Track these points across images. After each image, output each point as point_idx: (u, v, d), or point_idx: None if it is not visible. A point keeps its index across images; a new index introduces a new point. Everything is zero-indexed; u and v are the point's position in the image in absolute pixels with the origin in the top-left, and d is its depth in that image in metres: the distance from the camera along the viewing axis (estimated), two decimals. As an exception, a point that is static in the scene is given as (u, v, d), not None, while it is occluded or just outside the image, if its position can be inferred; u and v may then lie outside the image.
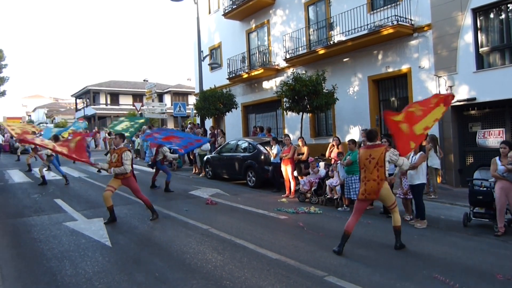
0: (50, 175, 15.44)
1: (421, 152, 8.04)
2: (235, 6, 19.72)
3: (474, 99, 11.31)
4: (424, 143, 8.25)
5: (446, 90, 11.91)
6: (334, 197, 9.69)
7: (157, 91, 29.91)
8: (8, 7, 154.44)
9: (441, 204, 8.09)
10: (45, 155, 13.30)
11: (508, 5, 11.00)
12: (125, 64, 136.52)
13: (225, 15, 20.51)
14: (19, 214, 8.76)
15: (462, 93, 11.59)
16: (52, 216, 8.48)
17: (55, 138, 12.43)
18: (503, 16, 11.18)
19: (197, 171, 16.36)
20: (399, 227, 6.15)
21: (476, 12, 11.46)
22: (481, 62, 11.48)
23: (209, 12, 23.71)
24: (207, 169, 15.26)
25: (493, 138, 10.38)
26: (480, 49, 11.48)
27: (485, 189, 7.58)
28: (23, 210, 9.23)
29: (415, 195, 7.81)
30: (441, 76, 12.10)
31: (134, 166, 8.50)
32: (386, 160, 5.92)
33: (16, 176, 15.50)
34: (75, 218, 8.25)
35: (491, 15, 11.39)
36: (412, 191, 7.89)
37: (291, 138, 12.25)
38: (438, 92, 12.04)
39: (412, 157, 7.91)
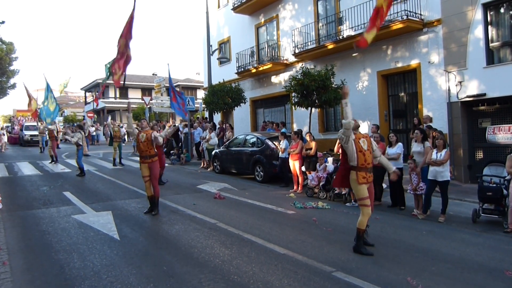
0: (59, 168, 15.60)
1: (447, 149, 8.00)
2: (244, 1, 19.64)
3: (484, 94, 11.20)
4: (437, 141, 8.23)
5: (456, 85, 11.81)
6: (342, 192, 9.67)
7: (165, 85, 29.95)
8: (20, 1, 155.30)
9: (450, 200, 8.02)
10: (74, 143, 13.56)
11: (520, 0, 10.86)
12: (134, 58, 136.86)
13: (234, 9, 20.46)
14: (28, 207, 8.85)
15: (471, 89, 11.48)
16: (60, 209, 8.56)
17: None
18: (514, 10, 11.04)
19: (205, 165, 16.39)
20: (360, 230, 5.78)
21: (487, 6, 11.32)
22: (491, 58, 11.36)
23: (218, 7, 23.65)
24: (215, 164, 15.28)
25: (503, 134, 10.23)
26: (491, 44, 11.34)
27: (494, 185, 7.52)
28: (32, 202, 9.32)
29: (444, 191, 7.85)
30: (450, 72, 11.98)
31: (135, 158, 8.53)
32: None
33: (26, 168, 15.65)
34: (84, 211, 8.31)
35: (502, 10, 11.25)
36: (440, 188, 7.90)
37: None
38: (447, 88, 11.94)
39: (437, 153, 7.87)
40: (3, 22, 19.54)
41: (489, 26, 11.38)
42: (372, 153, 5.94)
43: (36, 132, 27.48)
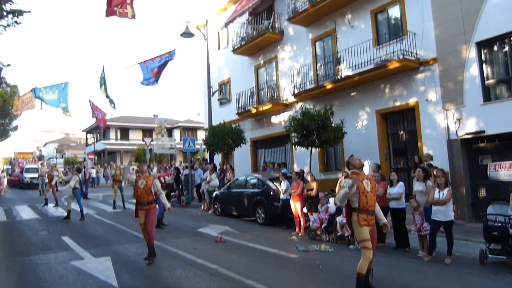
0: (58, 212, 15.44)
1: (449, 188, 7.93)
2: (244, 43, 20.12)
3: (483, 131, 11.23)
4: (438, 180, 8.17)
5: (454, 123, 11.87)
6: (345, 235, 9.49)
7: (166, 126, 30.15)
8: (23, 45, 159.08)
9: (455, 240, 7.87)
10: (70, 188, 13.47)
11: (511, 38, 11.09)
12: (135, 100, 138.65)
13: (234, 51, 20.91)
14: (26, 252, 8.67)
15: (470, 126, 11.53)
16: (58, 254, 8.39)
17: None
18: (506, 48, 11.27)
19: (206, 208, 16.24)
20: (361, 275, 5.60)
21: (480, 45, 11.55)
22: (488, 95, 11.48)
23: (219, 48, 24.18)
24: (216, 206, 15.13)
25: (504, 171, 10.18)
26: (486, 82, 11.50)
27: (500, 224, 7.39)
28: (30, 247, 9.15)
29: (448, 232, 7.71)
30: (448, 109, 12.08)
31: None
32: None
33: (24, 212, 15.50)
34: (82, 257, 8.14)
35: (495, 48, 11.48)
36: (445, 228, 7.77)
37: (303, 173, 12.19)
38: (446, 126, 12.00)
39: (439, 192, 7.79)
40: (8, 65, 19.84)
41: (484, 64, 11.58)
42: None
43: (36, 175, 27.64)
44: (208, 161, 19.66)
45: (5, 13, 17.79)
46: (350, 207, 5.81)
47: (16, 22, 18.17)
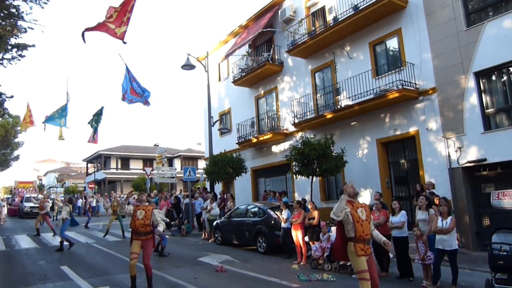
0: (57, 241, 15.25)
1: (452, 216, 7.88)
2: (244, 74, 20.39)
3: (485, 159, 11.24)
4: (441, 208, 8.13)
5: (456, 151, 11.90)
6: (348, 264, 9.37)
7: (167, 155, 30.20)
8: (23, 74, 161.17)
9: (460, 270, 7.76)
10: (61, 219, 13.38)
11: (509, 68, 11.26)
12: (136, 130, 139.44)
13: (235, 82, 21.17)
14: (24, 283, 8.53)
15: (472, 154, 11.55)
16: (57, 284, 8.27)
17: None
18: (505, 78, 11.42)
19: (206, 237, 16.09)
20: None
21: (479, 75, 11.70)
22: (488, 123, 11.55)
23: (219, 80, 24.51)
24: (216, 235, 14.99)
25: (508, 199, 10.12)
26: (486, 111, 11.59)
27: (505, 253, 7.29)
28: (28, 277, 9.01)
29: (452, 261, 7.61)
30: (449, 138, 12.13)
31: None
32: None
33: (23, 241, 15.34)
34: (81, 287, 8.02)
35: (493, 78, 11.62)
36: (449, 257, 7.67)
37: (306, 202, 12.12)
38: (447, 154, 12.02)
39: (442, 221, 7.75)
40: (11, 97, 20.06)
41: (483, 93, 11.69)
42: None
43: (36, 204, 27.65)
44: (209, 190, 19.60)
45: (9, 47, 18.11)
46: (345, 238, 5.72)
47: (20, 55, 18.49)
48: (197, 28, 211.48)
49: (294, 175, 15.49)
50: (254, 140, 19.61)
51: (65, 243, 13.22)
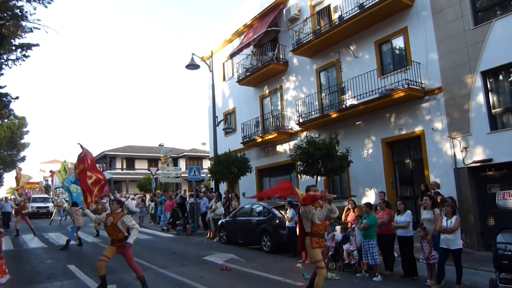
0: (64, 240, 15.35)
1: (457, 216, 7.88)
2: (248, 73, 20.41)
3: (491, 160, 11.21)
4: (445, 208, 8.13)
5: (461, 151, 11.87)
6: (352, 262, 9.39)
7: (172, 155, 30.31)
8: (29, 75, 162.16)
9: (464, 269, 7.75)
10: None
11: (517, 68, 11.20)
12: (141, 130, 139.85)
13: (239, 81, 21.21)
14: (31, 281, 8.62)
15: (477, 154, 11.52)
16: (64, 283, 8.35)
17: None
18: (512, 78, 11.36)
19: (211, 236, 16.15)
20: None
21: (486, 75, 11.65)
22: (494, 123, 11.50)
23: (224, 79, 24.56)
24: (221, 234, 15.04)
25: (513, 199, 10.11)
26: (493, 110, 11.54)
27: (510, 253, 7.28)
28: (36, 276, 9.10)
29: (456, 260, 7.59)
30: (455, 138, 12.10)
31: (149, 231, 8.42)
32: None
33: (31, 241, 15.45)
34: (88, 285, 8.09)
35: (501, 77, 11.56)
36: (453, 256, 7.65)
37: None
38: (453, 154, 11.98)
39: (447, 220, 7.74)
40: (17, 98, 20.12)
41: (490, 93, 11.63)
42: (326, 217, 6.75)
43: (42, 204, 29.97)
44: (214, 189, 19.65)
45: (13, 47, 18.15)
46: (303, 232, 6.77)
47: (24, 55, 18.53)
48: (202, 27, 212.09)
49: (298, 175, 15.52)
50: (259, 140, 19.64)
51: (71, 242, 13.32)
